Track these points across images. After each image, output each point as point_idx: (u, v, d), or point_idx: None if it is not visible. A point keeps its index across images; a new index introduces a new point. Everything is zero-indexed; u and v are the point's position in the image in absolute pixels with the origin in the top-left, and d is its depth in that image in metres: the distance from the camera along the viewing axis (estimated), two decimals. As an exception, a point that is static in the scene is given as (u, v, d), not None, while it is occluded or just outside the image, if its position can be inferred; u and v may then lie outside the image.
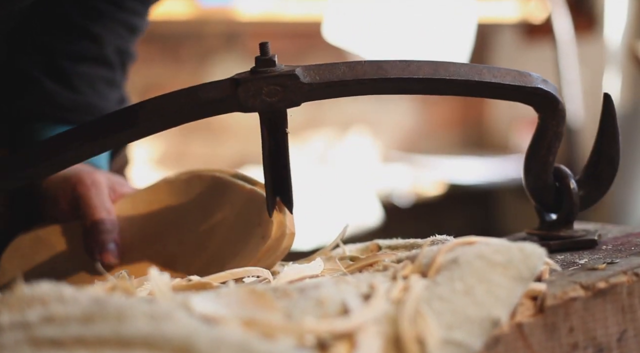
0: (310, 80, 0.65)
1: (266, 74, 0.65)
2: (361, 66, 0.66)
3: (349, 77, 0.66)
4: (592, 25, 3.08)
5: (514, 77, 0.69)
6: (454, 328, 0.49)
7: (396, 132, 3.37)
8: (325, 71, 0.66)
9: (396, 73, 0.66)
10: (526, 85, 0.70)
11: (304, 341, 0.46)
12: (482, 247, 0.57)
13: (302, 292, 0.52)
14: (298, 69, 0.65)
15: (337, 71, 0.66)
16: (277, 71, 0.65)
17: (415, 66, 0.67)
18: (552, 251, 0.71)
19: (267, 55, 0.65)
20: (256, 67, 0.65)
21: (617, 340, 0.60)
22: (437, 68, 0.67)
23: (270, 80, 0.64)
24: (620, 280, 0.60)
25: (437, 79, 0.67)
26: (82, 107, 0.91)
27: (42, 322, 0.45)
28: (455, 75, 0.67)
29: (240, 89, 0.64)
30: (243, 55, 3.00)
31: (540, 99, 0.71)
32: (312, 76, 0.65)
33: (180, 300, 0.49)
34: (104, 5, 0.94)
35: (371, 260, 0.66)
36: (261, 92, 0.64)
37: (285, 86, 0.65)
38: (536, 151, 0.74)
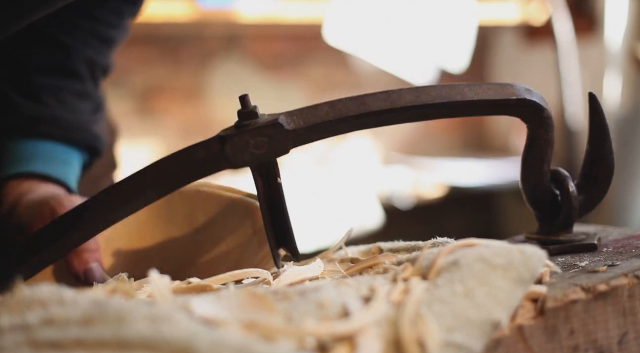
0: (294, 126, 0.65)
1: (250, 127, 0.64)
2: (343, 104, 0.66)
3: (331, 117, 0.66)
4: (593, 28, 3.08)
5: (496, 91, 0.69)
6: (455, 330, 0.49)
7: (397, 134, 3.37)
8: (307, 115, 0.66)
9: (378, 106, 0.66)
10: (509, 98, 0.69)
11: (304, 343, 0.46)
12: (482, 250, 0.56)
13: (303, 294, 0.52)
14: (281, 117, 0.65)
15: (320, 113, 0.66)
16: (261, 122, 0.65)
17: (397, 95, 0.67)
18: (551, 255, 0.71)
19: (248, 108, 0.65)
20: (239, 121, 0.65)
21: (618, 342, 0.60)
22: (419, 94, 0.67)
23: (255, 132, 0.64)
24: (621, 283, 0.60)
25: (420, 105, 0.67)
26: (50, 120, 0.91)
27: (42, 324, 0.45)
28: (437, 99, 0.67)
29: (227, 145, 0.64)
30: (243, 57, 3.00)
31: (525, 109, 0.70)
32: (296, 122, 0.65)
33: (180, 303, 0.49)
34: (78, 17, 0.94)
35: (371, 263, 0.66)
36: (248, 146, 0.64)
37: (270, 136, 0.64)
38: (530, 161, 0.74)
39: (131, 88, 2.80)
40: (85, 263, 0.76)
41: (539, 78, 3.22)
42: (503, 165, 3.08)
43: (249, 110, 0.65)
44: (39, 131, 0.91)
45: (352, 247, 0.79)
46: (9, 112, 0.91)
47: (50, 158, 0.90)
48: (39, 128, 0.91)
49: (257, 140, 0.64)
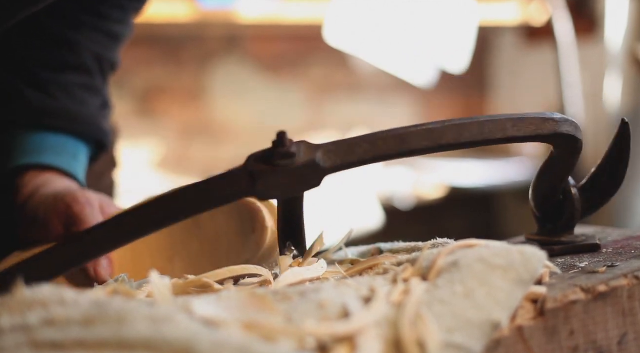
0: (330, 165, 0.62)
1: (286, 168, 0.60)
2: (384, 142, 0.62)
3: (370, 155, 0.62)
4: (593, 28, 3.08)
5: (537, 126, 0.67)
6: (455, 331, 0.49)
7: (397, 135, 3.37)
8: (346, 152, 0.62)
9: (419, 144, 0.63)
10: (548, 134, 0.68)
11: (304, 344, 0.46)
12: (482, 250, 0.57)
13: (303, 295, 0.52)
14: (318, 154, 0.61)
15: (359, 150, 0.62)
16: (297, 163, 0.61)
17: (439, 133, 0.63)
18: (554, 255, 0.71)
19: (284, 146, 0.60)
20: (274, 158, 0.60)
21: (618, 343, 0.60)
22: (461, 132, 0.64)
23: (290, 173, 0.61)
24: (621, 284, 0.60)
25: (461, 143, 0.65)
26: (58, 112, 0.92)
27: (42, 325, 0.45)
28: (479, 136, 0.65)
29: (260, 183, 0.60)
30: (244, 58, 3.01)
31: (561, 140, 0.69)
32: (333, 160, 0.62)
33: (181, 303, 0.49)
34: (83, 14, 0.95)
35: (371, 263, 0.66)
36: (281, 185, 0.61)
37: (306, 175, 0.61)
38: (549, 177, 0.74)
39: (131, 89, 2.80)
40: (96, 260, 0.77)
41: (539, 79, 3.22)
42: (503, 166, 3.08)
43: (287, 151, 0.60)
44: (47, 123, 0.91)
45: (352, 248, 0.79)
46: (17, 103, 0.91)
47: (60, 151, 0.91)
48: (48, 120, 0.91)
49: (291, 180, 0.61)
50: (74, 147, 0.93)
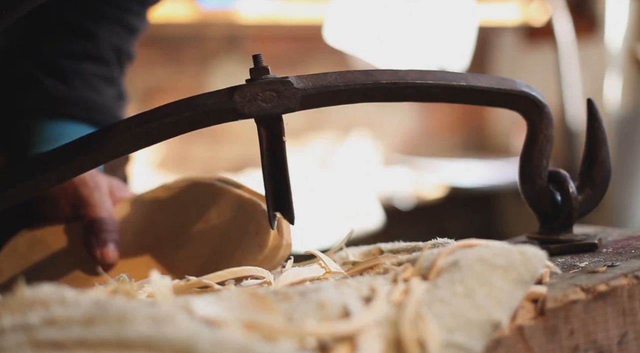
0: (303, 86, 0.68)
1: (260, 81, 0.67)
2: (351, 74, 0.69)
3: (340, 83, 0.68)
4: (593, 28, 3.08)
5: (498, 82, 0.72)
6: (455, 331, 0.50)
7: (397, 135, 3.37)
8: (317, 79, 0.69)
9: (385, 79, 0.69)
10: (510, 89, 0.71)
11: (305, 344, 0.46)
12: (482, 250, 0.57)
13: (303, 295, 0.52)
14: (291, 76, 0.68)
15: (329, 78, 0.69)
16: (271, 78, 0.68)
17: (403, 73, 0.70)
18: (552, 255, 0.71)
19: (260, 65, 0.68)
20: (251, 77, 0.68)
21: (618, 343, 0.60)
22: (425, 74, 0.70)
23: (265, 86, 0.67)
24: (621, 283, 0.60)
25: (424, 84, 0.69)
26: (77, 101, 0.92)
27: (43, 325, 0.45)
28: (441, 80, 0.70)
29: (237, 94, 0.67)
30: (244, 58, 3.00)
31: (525, 103, 0.72)
32: (305, 83, 0.68)
33: (181, 303, 0.49)
34: (103, 5, 0.96)
35: (372, 263, 0.66)
36: (257, 98, 0.67)
37: (279, 92, 0.67)
38: (529, 156, 0.75)
39: (132, 89, 2.79)
40: (103, 243, 0.78)
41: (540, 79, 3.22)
42: (503, 165, 3.08)
43: (261, 67, 0.68)
44: (65, 112, 0.91)
45: (352, 248, 0.79)
46: (35, 92, 0.92)
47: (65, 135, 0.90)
48: (66, 109, 0.91)
49: (266, 94, 0.67)
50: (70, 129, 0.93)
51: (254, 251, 0.72)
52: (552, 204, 0.75)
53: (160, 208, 0.81)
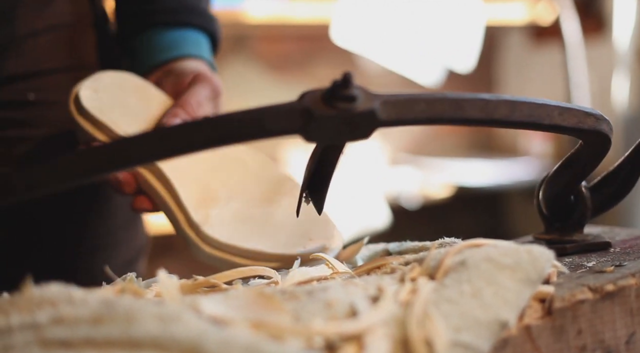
0: (386, 118, 0.58)
1: (344, 113, 0.57)
2: (441, 104, 0.60)
3: (425, 115, 0.60)
4: (601, 28, 3.07)
5: (580, 119, 0.66)
6: (462, 330, 0.50)
7: (404, 134, 3.37)
8: (403, 108, 0.59)
9: (474, 114, 0.62)
10: (589, 129, 0.67)
11: (312, 343, 0.46)
12: (490, 250, 0.57)
13: (310, 294, 0.52)
14: (376, 103, 0.58)
15: (416, 109, 0.60)
16: (356, 109, 0.57)
17: (493, 107, 0.62)
18: (566, 254, 0.71)
19: (348, 88, 0.57)
20: (333, 95, 0.57)
21: (626, 342, 0.60)
22: (514, 110, 0.63)
23: (347, 119, 0.57)
24: (629, 283, 0.60)
25: (511, 120, 0.64)
26: (188, 8, 0.94)
27: (51, 323, 0.45)
28: (528, 118, 0.64)
29: (314, 124, 0.57)
30: (251, 57, 3.01)
31: (595, 138, 0.69)
32: (389, 113, 0.58)
33: (189, 302, 0.49)
34: None
35: (379, 263, 0.66)
36: (333, 129, 0.57)
37: (359, 124, 0.58)
38: (567, 175, 0.73)
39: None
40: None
41: (547, 78, 3.22)
42: (511, 165, 3.08)
43: (349, 95, 0.57)
44: (181, 20, 0.93)
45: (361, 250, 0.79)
46: (148, 3, 0.94)
47: (198, 44, 0.94)
48: (181, 17, 0.93)
49: (346, 126, 0.57)
50: (205, 42, 0.96)
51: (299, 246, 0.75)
52: (565, 205, 0.75)
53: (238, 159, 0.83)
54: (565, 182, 0.74)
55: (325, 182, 0.71)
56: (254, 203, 0.79)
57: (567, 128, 0.67)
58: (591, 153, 0.71)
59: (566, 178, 0.74)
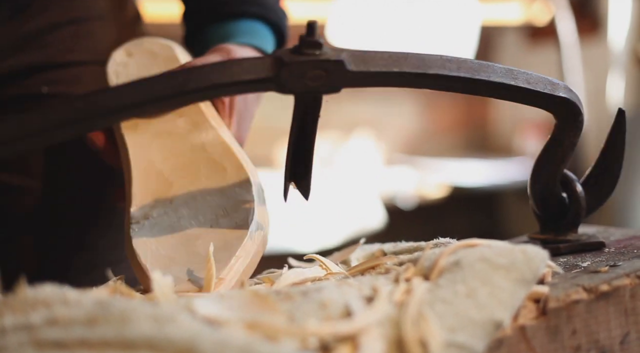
0: (355, 68, 0.62)
1: (313, 57, 0.61)
2: (404, 58, 0.64)
3: (391, 68, 0.63)
4: (596, 28, 3.08)
5: (545, 85, 0.69)
6: (457, 330, 0.50)
7: (400, 134, 3.37)
8: (370, 60, 0.63)
9: (437, 69, 0.65)
10: (555, 95, 0.69)
11: (307, 343, 0.46)
12: (484, 250, 0.57)
13: (305, 294, 0.52)
14: (344, 54, 0.62)
15: (381, 61, 0.63)
16: (324, 55, 0.61)
17: (456, 64, 0.65)
18: (560, 254, 0.71)
19: (314, 36, 0.61)
20: (301, 47, 0.61)
21: (620, 342, 0.60)
22: (477, 69, 0.66)
23: (316, 65, 0.61)
24: (623, 283, 0.60)
25: (476, 79, 0.66)
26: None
27: (45, 324, 0.45)
28: (493, 77, 0.66)
29: (284, 70, 0.61)
30: (246, 57, 3.00)
31: (565, 108, 0.70)
32: (357, 64, 0.62)
33: (183, 303, 0.49)
34: None
35: (373, 263, 0.66)
36: (304, 76, 0.61)
37: (330, 71, 0.61)
38: (549, 159, 0.73)
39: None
40: None
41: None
42: (506, 165, 3.08)
43: (315, 40, 0.61)
44: (242, 10, 0.92)
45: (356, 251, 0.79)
46: None
47: (251, 33, 0.91)
48: (235, 7, 0.92)
49: (316, 72, 0.61)
50: (265, 33, 0.93)
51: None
52: (559, 204, 0.75)
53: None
54: (548, 170, 0.74)
55: (307, 165, 0.70)
56: (202, 216, 0.73)
57: (536, 93, 0.68)
58: (565, 129, 0.72)
59: (549, 164, 0.74)
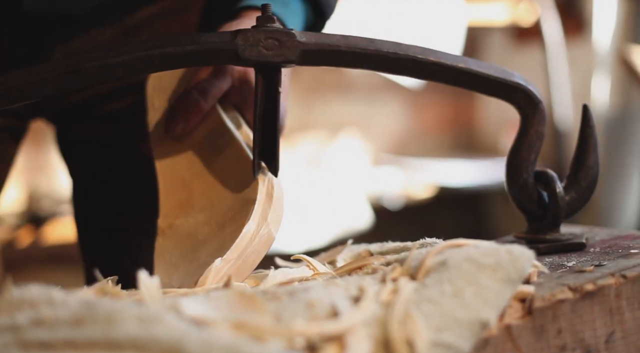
0: (306, 40, 0.68)
1: (264, 28, 0.68)
2: (354, 38, 0.69)
3: (342, 45, 0.69)
4: (582, 29, 3.09)
5: (497, 70, 0.72)
6: (443, 330, 0.50)
7: (386, 135, 3.38)
8: (320, 36, 0.69)
9: (386, 48, 0.70)
10: (507, 79, 0.72)
11: (293, 343, 0.46)
12: (470, 250, 0.57)
13: (292, 294, 0.52)
14: (295, 30, 0.69)
15: (332, 39, 0.69)
16: (275, 27, 0.68)
17: (405, 46, 0.70)
18: (540, 254, 0.71)
19: (267, 13, 0.69)
20: (258, 22, 0.69)
21: (605, 341, 0.60)
22: (426, 51, 0.70)
23: (268, 34, 0.68)
24: (608, 282, 0.61)
25: (425, 60, 0.70)
26: None
27: (31, 325, 0.45)
28: (442, 59, 0.70)
29: (240, 37, 0.67)
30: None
31: (521, 96, 0.73)
32: (308, 38, 0.68)
33: (169, 303, 0.49)
34: None
35: (360, 263, 0.66)
36: (259, 44, 0.68)
37: (281, 41, 0.68)
38: (517, 149, 0.75)
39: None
40: None
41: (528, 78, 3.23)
42: (492, 165, 3.09)
43: (268, 16, 0.69)
44: None
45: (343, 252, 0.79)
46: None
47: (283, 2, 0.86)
48: None
49: (268, 41, 0.68)
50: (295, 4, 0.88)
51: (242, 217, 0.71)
52: (540, 204, 0.75)
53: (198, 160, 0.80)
54: (522, 155, 0.75)
55: (274, 143, 0.72)
56: (214, 220, 0.75)
57: (484, 78, 0.71)
58: (528, 116, 0.74)
59: (519, 155, 0.75)
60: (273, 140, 0.72)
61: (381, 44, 0.70)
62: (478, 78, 0.71)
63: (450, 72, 0.71)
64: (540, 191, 0.76)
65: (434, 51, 0.71)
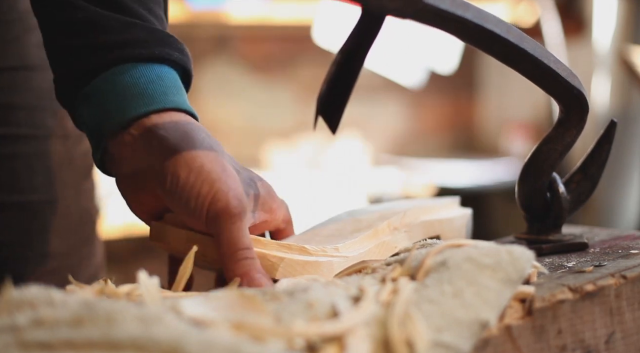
0: (433, 2, 0.61)
1: None
2: (468, 7, 0.63)
3: (459, 12, 0.62)
4: (581, 29, 3.09)
5: (569, 74, 0.68)
6: (443, 330, 0.50)
7: (386, 135, 3.38)
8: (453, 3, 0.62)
9: (492, 25, 0.64)
10: (575, 86, 0.68)
11: (293, 344, 0.46)
12: (470, 250, 0.57)
13: (292, 295, 0.52)
14: None
15: (448, 2, 0.62)
16: None
17: (506, 27, 0.64)
18: (544, 254, 0.71)
19: None
20: None
21: (605, 342, 0.60)
22: (523, 38, 0.65)
23: None
24: (608, 283, 0.61)
25: (520, 47, 0.65)
26: (159, 38, 0.75)
27: (31, 326, 0.45)
28: (533, 51, 0.65)
29: None
30: (234, 58, 3.00)
31: (577, 103, 0.69)
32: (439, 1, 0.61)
33: (169, 304, 0.49)
34: None
35: (360, 267, 0.66)
36: None
37: None
38: (548, 154, 0.73)
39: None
40: None
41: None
42: (492, 166, 3.09)
43: None
44: (156, 54, 0.72)
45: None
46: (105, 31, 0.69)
47: (177, 87, 0.72)
48: (159, 50, 0.73)
49: None
50: (175, 78, 0.73)
51: None
52: (543, 204, 0.75)
53: None
54: (546, 163, 0.73)
55: (343, 98, 0.68)
56: None
57: (556, 78, 0.67)
58: (572, 123, 0.71)
59: (545, 162, 0.73)
60: (341, 97, 0.68)
61: (489, 18, 0.63)
62: (552, 77, 0.67)
63: (533, 64, 0.66)
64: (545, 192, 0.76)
65: (529, 40, 0.66)
